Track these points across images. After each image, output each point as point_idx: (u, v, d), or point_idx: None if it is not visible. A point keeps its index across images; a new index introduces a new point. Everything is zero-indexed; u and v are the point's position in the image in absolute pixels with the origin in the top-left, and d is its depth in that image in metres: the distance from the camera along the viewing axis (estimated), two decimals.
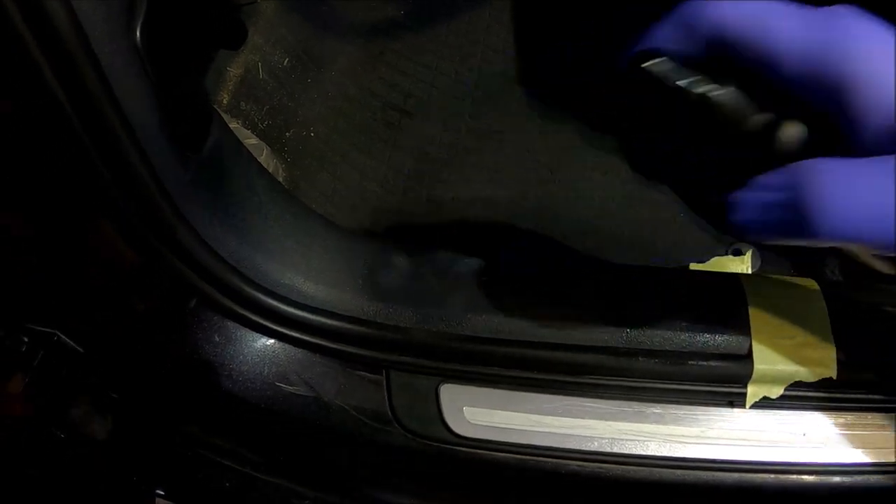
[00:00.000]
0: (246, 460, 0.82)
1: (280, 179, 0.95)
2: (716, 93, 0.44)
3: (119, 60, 0.58)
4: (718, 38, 0.44)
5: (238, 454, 0.82)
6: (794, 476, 0.75)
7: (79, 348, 0.77)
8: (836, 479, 0.75)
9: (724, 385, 0.73)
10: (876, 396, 0.75)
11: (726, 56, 0.43)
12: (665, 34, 0.46)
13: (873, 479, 0.74)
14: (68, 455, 0.82)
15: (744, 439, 0.75)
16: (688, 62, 0.45)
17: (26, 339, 0.75)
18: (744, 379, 0.72)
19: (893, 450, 0.75)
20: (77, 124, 0.58)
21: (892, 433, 0.75)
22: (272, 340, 0.75)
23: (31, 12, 0.51)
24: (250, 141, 0.93)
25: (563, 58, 1.11)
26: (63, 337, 0.76)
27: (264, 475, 0.81)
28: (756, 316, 0.74)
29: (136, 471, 0.86)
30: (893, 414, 0.75)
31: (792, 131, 0.44)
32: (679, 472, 0.74)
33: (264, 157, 0.93)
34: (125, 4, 0.59)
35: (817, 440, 0.75)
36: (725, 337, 0.73)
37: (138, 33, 0.60)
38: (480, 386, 0.74)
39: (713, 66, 0.44)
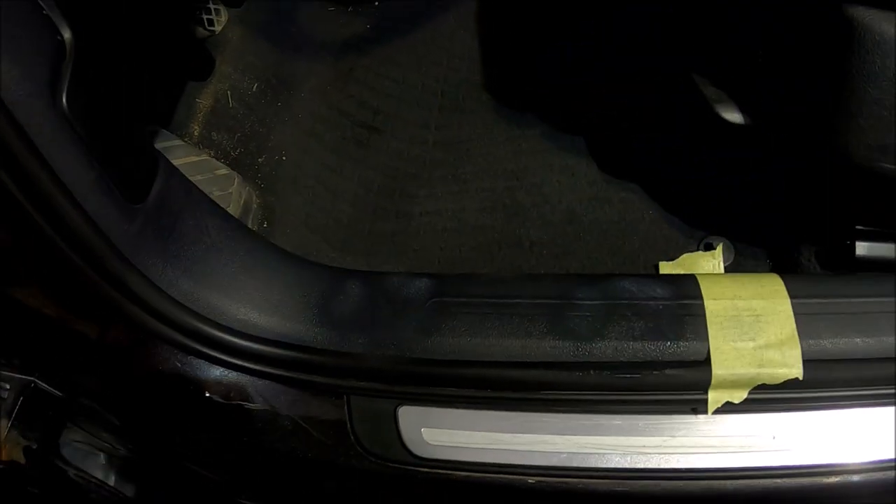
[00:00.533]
0: (225, 487, 0.85)
1: (254, 206, 0.97)
2: None
3: (47, 128, 0.61)
4: None
5: (217, 482, 0.85)
6: (765, 480, 0.73)
7: (56, 392, 0.81)
8: (808, 480, 0.73)
9: (685, 392, 0.72)
10: (846, 392, 0.73)
11: None
12: None
13: (845, 478, 0.72)
14: (48, 495, 0.87)
15: (710, 446, 0.74)
16: None
17: (7, 387, 0.79)
18: (704, 385, 0.71)
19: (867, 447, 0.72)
20: (15, 191, 0.61)
21: (863, 431, 0.72)
22: (235, 375, 0.77)
23: None
24: (221, 171, 0.95)
25: (563, 58, 1.10)
26: (40, 383, 0.80)
27: (237, 497, 0.84)
28: (714, 320, 0.72)
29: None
30: (863, 409, 0.73)
31: None
32: (643, 482, 0.74)
33: (235, 185, 0.95)
34: (49, 73, 0.61)
35: (787, 442, 0.73)
36: (681, 343, 0.72)
37: (64, 101, 0.62)
38: (439, 407, 0.75)
39: None
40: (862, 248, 0.84)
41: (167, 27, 0.91)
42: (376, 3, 1.16)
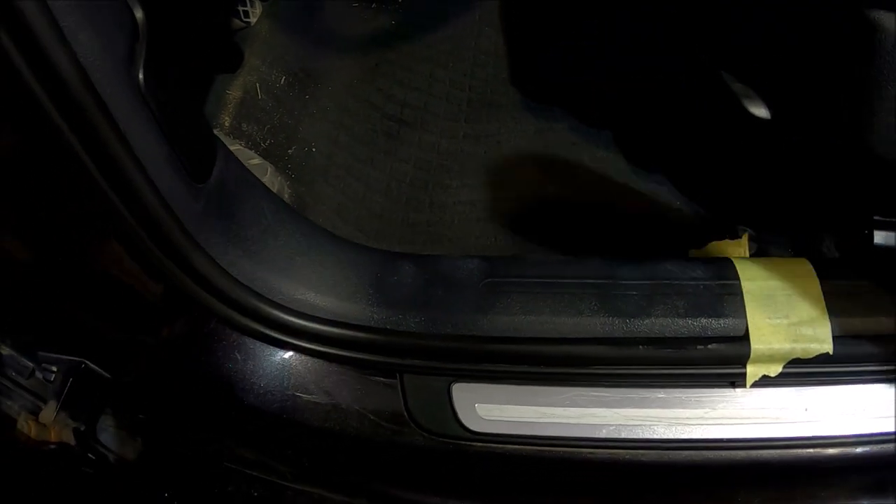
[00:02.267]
0: (272, 470, 0.85)
1: (285, 196, 0.99)
2: None
3: (125, 102, 0.62)
4: None
5: (264, 465, 0.85)
6: (798, 450, 0.78)
7: (106, 374, 0.81)
8: (838, 450, 0.77)
9: (725, 367, 0.76)
10: (873, 368, 0.77)
11: None
12: None
13: (873, 448, 0.77)
14: (101, 476, 0.86)
15: (747, 418, 0.77)
16: None
17: (55, 369, 0.79)
18: (743, 359, 0.75)
19: (892, 418, 0.77)
20: (91, 167, 0.62)
21: (891, 402, 0.77)
22: (289, 354, 0.78)
23: (38, 65, 0.55)
24: (254, 161, 0.97)
25: (565, 57, 1.13)
26: (90, 364, 0.80)
27: (291, 483, 0.85)
28: (750, 298, 0.76)
29: (166, 488, 0.90)
30: (891, 384, 0.78)
31: None
32: (686, 453, 0.77)
33: (268, 176, 0.96)
34: (126, 50, 0.62)
35: (818, 414, 0.77)
36: (721, 320, 0.75)
37: (141, 75, 0.63)
38: (491, 383, 0.78)
39: None
40: (880, 237, 0.89)
41: (214, 15, 0.92)
42: (399, 1, 1.19)
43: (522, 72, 1.13)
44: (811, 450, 0.77)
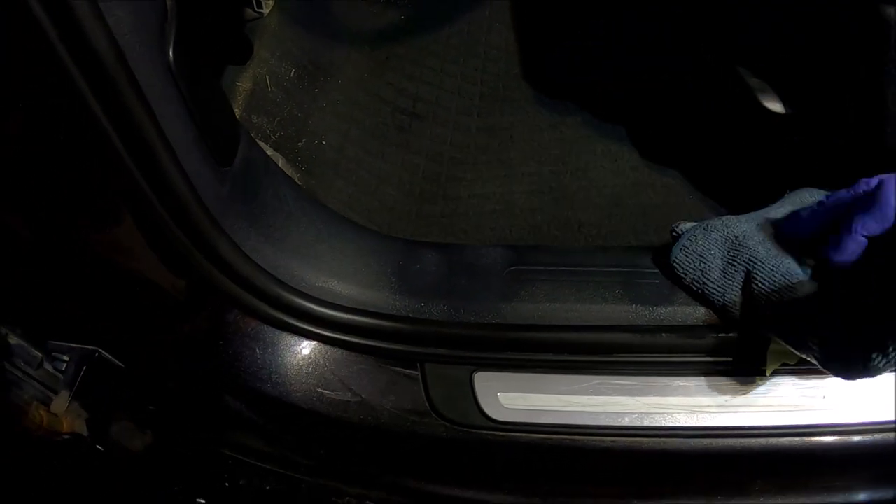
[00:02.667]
0: (287, 463, 0.84)
1: None
2: None
3: (156, 81, 0.61)
4: None
5: (279, 457, 0.84)
6: (817, 437, 0.78)
7: (119, 364, 0.79)
8: (857, 438, 0.78)
9: (745, 354, 0.76)
10: None
11: None
12: None
13: (887, 435, 0.78)
14: (110, 467, 0.85)
15: (767, 405, 0.78)
16: None
17: (66, 359, 0.77)
18: (762, 347, 0.75)
19: None
20: (120, 146, 0.61)
21: None
22: (309, 343, 0.78)
23: (71, 37, 0.54)
24: (265, 152, 0.96)
25: (571, 56, 1.14)
26: (104, 353, 0.78)
27: (306, 476, 0.84)
28: None
29: (177, 481, 0.89)
30: None
31: None
32: (707, 440, 0.77)
33: (280, 166, 0.95)
34: (159, 27, 0.61)
35: (836, 402, 0.78)
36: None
37: (171, 54, 0.62)
38: (513, 372, 0.78)
39: None
40: None
41: (229, 4, 0.91)
42: None
43: (533, 67, 1.13)
44: (830, 437, 0.78)
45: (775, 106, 0.90)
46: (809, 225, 0.73)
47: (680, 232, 0.77)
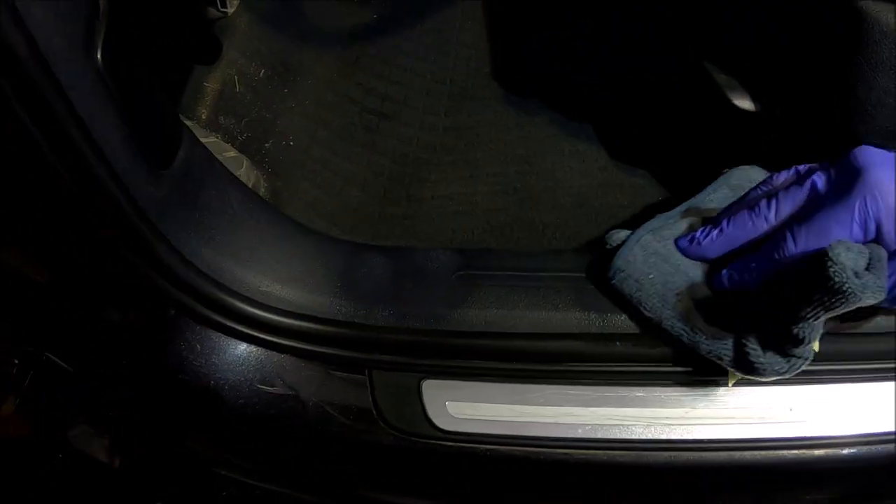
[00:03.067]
0: (239, 469, 0.83)
1: (262, 191, 0.96)
2: None
3: (81, 82, 0.60)
4: None
5: (230, 462, 0.83)
6: (782, 451, 0.75)
7: (68, 367, 0.79)
8: (822, 452, 0.75)
9: (707, 364, 0.73)
10: (861, 366, 0.75)
11: None
12: None
13: (859, 449, 0.74)
14: (70, 475, 0.84)
15: (729, 417, 0.75)
16: None
17: (17, 361, 0.77)
18: None
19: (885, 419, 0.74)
20: (46, 148, 0.60)
21: (883, 402, 0.74)
22: (254, 348, 0.76)
23: None
24: (230, 154, 0.95)
25: (549, 47, 1.12)
26: (52, 356, 0.78)
27: (257, 482, 0.82)
28: None
29: (136, 485, 0.88)
30: (878, 383, 0.75)
31: None
32: (665, 454, 0.74)
33: (244, 169, 0.94)
34: (84, 29, 0.60)
35: (803, 414, 0.75)
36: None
37: (99, 55, 0.61)
38: (462, 380, 0.75)
39: None
40: None
41: (185, 3, 0.90)
42: None
43: (505, 64, 1.11)
44: (796, 451, 0.75)
45: (745, 104, 0.86)
46: (712, 250, 0.71)
47: (613, 244, 0.75)
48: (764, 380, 0.68)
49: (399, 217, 0.93)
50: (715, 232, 0.70)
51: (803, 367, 0.67)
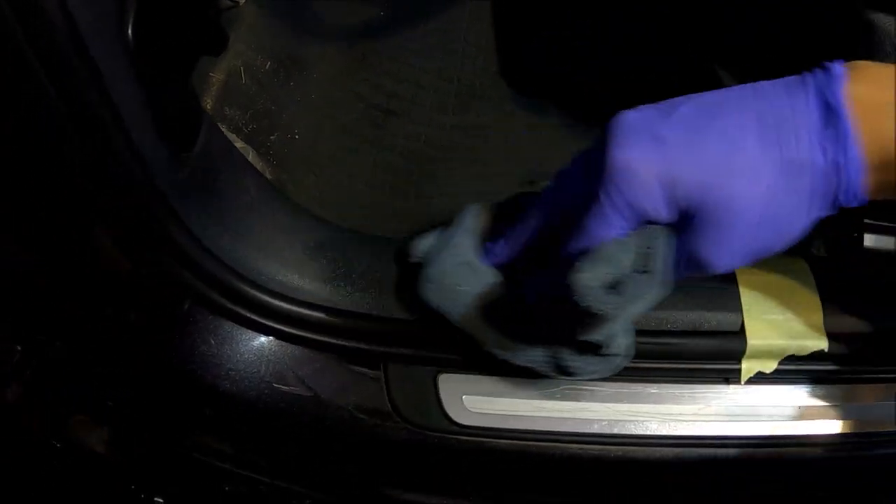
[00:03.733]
0: (245, 463, 0.81)
1: None
2: None
3: (111, 59, 0.58)
4: None
5: (237, 457, 0.81)
6: (792, 449, 0.76)
7: (74, 356, 0.77)
8: (832, 450, 0.76)
9: (719, 362, 0.74)
10: (867, 367, 0.77)
11: None
12: None
13: (867, 449, 0.76)
14: (66, 465, 0.82)
15: (741, 415, 0.76)
16: None
17: (19, 349, 0.75)
18: (738, 355, 0.74)
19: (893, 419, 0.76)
20: (70, 125, 0.58)
21: (888, 402, 0.76)
22: (268, 339, 0.75)
23: (24, 8, 0.51)
24: (236, 145, 0.94)
25: (550, 47, 1.13)
26: (58, 345, 0.76)
27: (265, 477, 0.81)
28: (746, 293, 0.75)
29: (134, 479, 0.86)
30: (885, 384, 0.77)
31: None
32: (678, 450, 0.75)
33: (250, 160, 0.93)
34: (116, 5, 0.59)
35: (813, 413, 0.76)
36: (717, 314, 0.74)
37: (130, 32, 0.60)
38: (479, 374, 0.75)
39: None
40: (869, 240, 0.89)
41: None
42: None
43: (512, 64, 1.12)
44: (805, 448, 0.76)
45: None
46: (504, 257, 0.64)
47: (419, 257, 0.71)
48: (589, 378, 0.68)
49: (407, 213, 0.93)
50: (502, 238, 0.64)
51: (625, 364, 0.66)
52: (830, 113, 0.49)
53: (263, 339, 0.75)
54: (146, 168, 0.63)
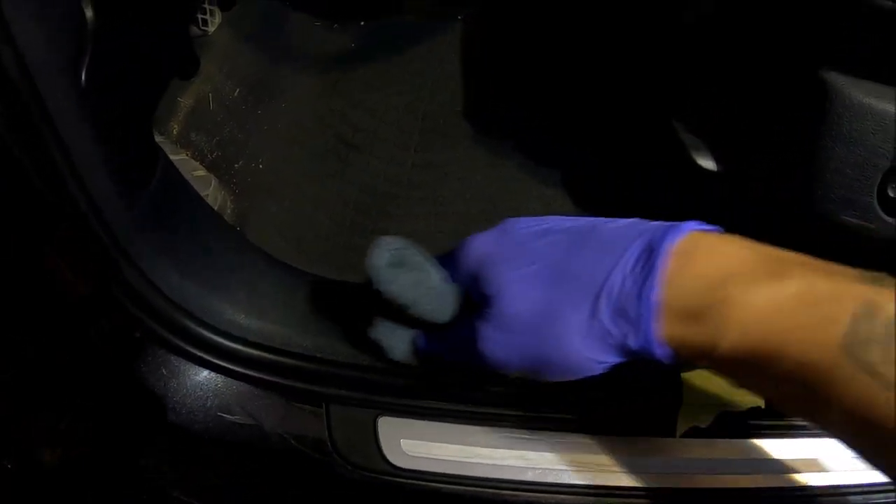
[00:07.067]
0: (192, 492, 0.82)
1: (228, 212, 0.97)
2: None
3: (64, 100, 0.60)
4: None
5: (186, 485, 0.82)
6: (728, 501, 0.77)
7: (26, 378, 0.77)
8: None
9: (656, 415, 0.76)
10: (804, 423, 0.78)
11: None
12: None
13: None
14: (18, 486, 0.82)
15: (677, 468, 0.77)
16: None
17: None
18: (673, 409, 0.75)
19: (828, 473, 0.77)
20: (26, 162, 0.59)
21: (817, 457, 0.78)
22: (215, 377, 0.76)
23: None
24: (198, 173, 0.95)
25: (515, 89, 1.14)
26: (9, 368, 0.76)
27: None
28: None
29: (86, 499, 0.86)
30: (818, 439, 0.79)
31: None
32: (613, 500, 0.77)
33: (212, 188, 0.94)
34: (72, 49, 0.60)
35: (753, 466, 0.77)
36: (653, 367, 0.75)
37: (83, 75, 0.61)
38: (418, 419, 0.76)
39: None
40: None
41: (170, 22, 0.90)
42: (362, 23, 1.19)
43: (477, 105, 1.13)
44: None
45: (707, 163, 0.90)
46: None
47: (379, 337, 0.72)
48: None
49: (363, 249, 0.94)
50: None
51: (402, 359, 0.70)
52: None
53: (211, 374, 0.76)
54: (97, 206, 0.64)
